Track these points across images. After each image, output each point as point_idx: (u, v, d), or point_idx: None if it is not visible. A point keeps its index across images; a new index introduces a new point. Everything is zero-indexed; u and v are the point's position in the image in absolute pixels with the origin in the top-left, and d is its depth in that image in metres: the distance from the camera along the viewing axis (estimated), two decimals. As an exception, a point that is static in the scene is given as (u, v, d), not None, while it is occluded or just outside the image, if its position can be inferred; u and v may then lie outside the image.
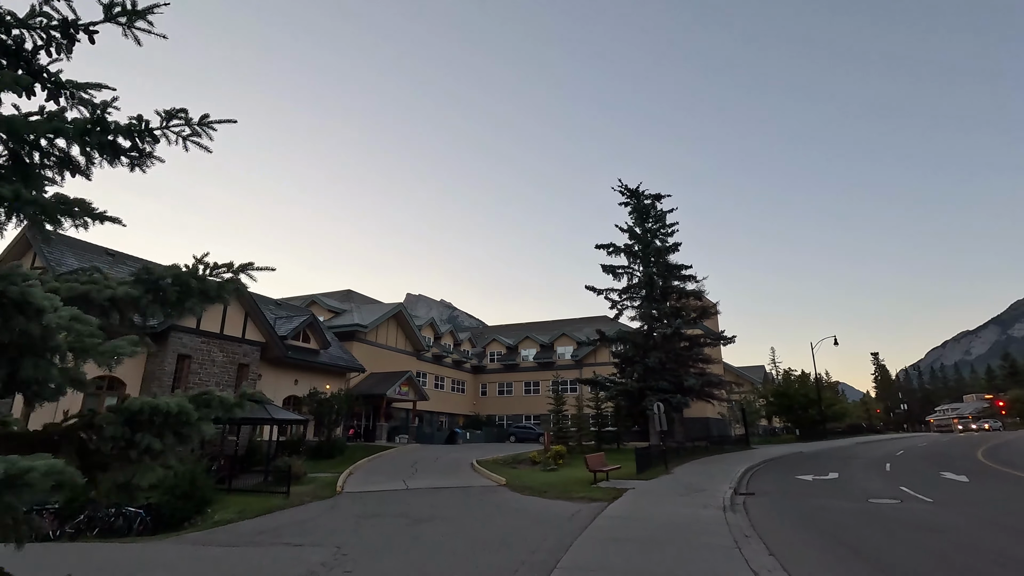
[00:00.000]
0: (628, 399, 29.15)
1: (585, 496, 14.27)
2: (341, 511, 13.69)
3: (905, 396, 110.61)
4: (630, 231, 30.39)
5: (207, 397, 3.75)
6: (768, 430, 61.81)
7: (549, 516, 11.76)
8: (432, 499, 14.68)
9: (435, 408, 46.24)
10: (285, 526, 12.36)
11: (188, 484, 15.12)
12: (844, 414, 54.76)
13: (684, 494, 14.45)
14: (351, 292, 47.68)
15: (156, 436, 3.35)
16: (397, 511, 13.17)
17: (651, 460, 20.84)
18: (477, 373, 53.24)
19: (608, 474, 17.73)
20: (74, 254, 22.06)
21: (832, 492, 15.39)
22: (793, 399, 47.28)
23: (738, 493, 14.99)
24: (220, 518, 13.93)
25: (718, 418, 47.21)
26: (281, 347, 26.00)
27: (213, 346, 23.01)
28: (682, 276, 30.09)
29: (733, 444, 35.00)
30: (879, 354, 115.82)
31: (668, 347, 28.12)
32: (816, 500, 13.92)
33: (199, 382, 22.27)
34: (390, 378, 37.06)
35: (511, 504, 13.67)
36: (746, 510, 12.40)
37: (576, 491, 15.21)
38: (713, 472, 20.16)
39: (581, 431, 30.92)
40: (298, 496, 15.87)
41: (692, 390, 27.81)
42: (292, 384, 28.47)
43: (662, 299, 29.52)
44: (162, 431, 3.36)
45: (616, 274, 30.21)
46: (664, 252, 29.67)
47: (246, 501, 15.53)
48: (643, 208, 30.50)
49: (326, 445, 27.23)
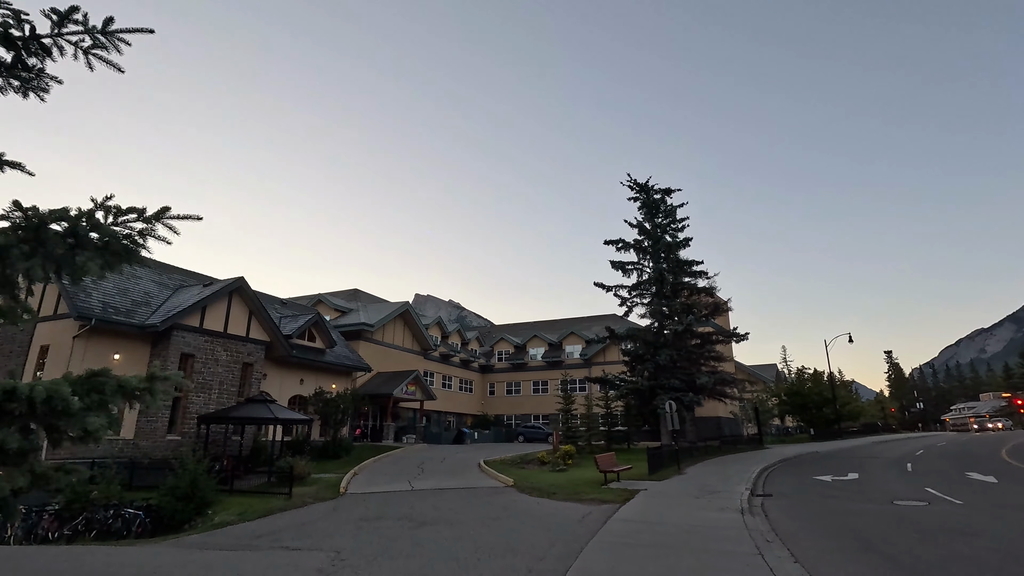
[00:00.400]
0: (639, 398, 28.53)
1: (595, 498, 13.75)
2: (343, 513, 13.27)
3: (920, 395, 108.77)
4: (639, 226, 29.73)
5: (99, 380, 2.99)
6: (781, 429, 60.81)
7: (558, 519, 11.26)
8: (437, 501, 14.23)
9: (443, 408, 45.86)
10: (285, 529, 11.96)
11: (188, 485, 14.81)
12: (859, 413, 53.64)
13: (699, 496, 13.89)
14: (358, 291, 47.41)
15: (18, 432, 2.57)
16: (400, 513, 12.73)
17: (663, 460, 20.26)
18: (485, 372, 52.79)
19: (619, 475, 17.20)
20: (77, 253, 21.87)
21: (854, 494, 14.75)
22: (807, 398, 46.35)
23: (755, 495, 14.40)
24: (220, 520, 13.57)
25: (730, 417, 46.43)
26: (286, 346, 25.69)
27: (217, 345, 22.72)
28: (693, 272, 29.40)
29: (746, 444, 34.25)
30: (892, 352, 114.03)
31: (679, 344, 27.45)
32: (838, 502, 13.30)
33: (203, 382, 22.00)
34: (397, 378, 36.71)
35: (518, 506, 13.18)
36: (765, 513, 11.82)
37: (586, 492, 14.69)
38: (727, 472, 19.55)
39: (591, 431, 30.36)
40: (300, 497, 15.49)
41: (704, 388, 27.13)
42: (298, 384, 28.17)
43: (673, 295, 28.85)
44: (27, 424, 2.60)
45: (625, 270, 29.57)
46: (674, 247, 28.97)
47: (248, 502, 15.17)
48: (652, 203, 29.84)
49: (332, 445, 26.90)
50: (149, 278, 24.02)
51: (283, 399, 27.22)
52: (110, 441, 19.58)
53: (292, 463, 18.28)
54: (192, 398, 21.49)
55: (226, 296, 23.41)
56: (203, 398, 21.86)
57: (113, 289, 21.22)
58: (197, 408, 21.46)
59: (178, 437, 20.83)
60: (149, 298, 22.36)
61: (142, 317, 20.75)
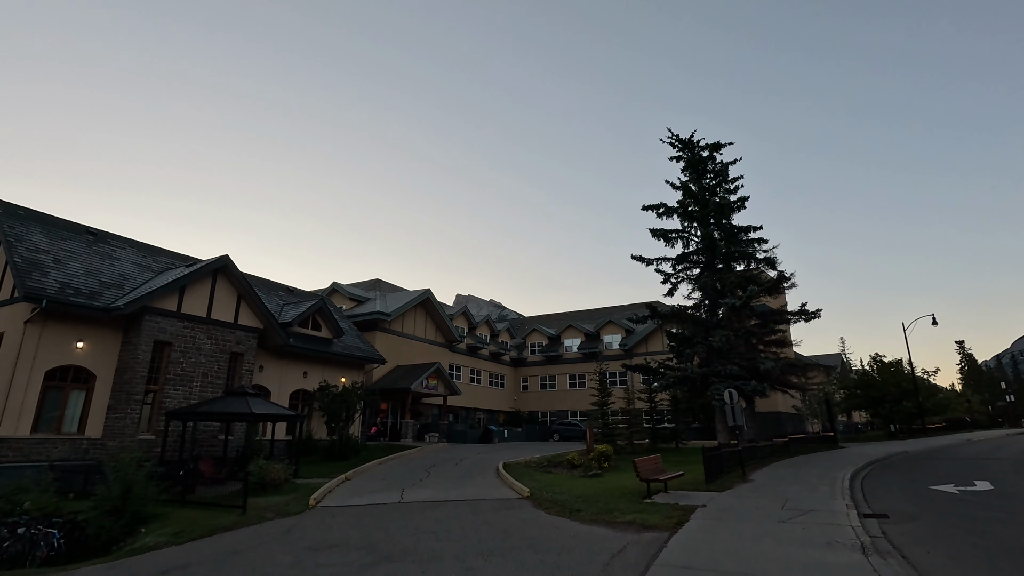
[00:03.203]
0: (688, 388, 24.20)
1: (634, 520, 9.91)
2: (293, 536, 9.97)
3: (1008, 387, 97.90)
4: (684, 188, 25.26)
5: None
6: (849, 426, 54.54)
7: (577, 556, 7.55)
8: (422, 520, 10.75)
9: (471, 404, 42.60)
10: (207, 560, 8.76)
11: (119, 496, 11.88)
12: (945, 406, 46.93)
13: (785, 517, 9.83)
14: (379, 281, 44.71)
15: None
16: (364, 540, 9.32)
17: (723, 464, 16.15)
18: (517, 366, 49.22)
19: (666, 484, 13.26)
20: (43, 231, 19.59)
21: (1008, 514, 10.31)
22: (883, 390, 40.46)
23: (864, 515, 10.20)
24: (142, 544, 10.52)
25: (792, 413, 41.14)
26: (282, 334, 22.85)
27: (199, 332, 20.03)
28: (749, 240, 24.80)
29: (816, 443, 29.34)
30: (965, 342, 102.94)
31: (737, 324, 22.94)
32: (1002, 528, 8.97)
33: (182, 373, 19.33)
34: (417, 371, 33.64)
35: (526, 531, 9.52)
36: (898, 550, 7.71)
37: (622, 509, 10.87)
38: (809, 480, 15.26)
39: (632, 428, 26.28)
40: (259, 511, 12.34)
41: (770, 375, 22.53)
42: (301, 377, 25.37)
43: (726, 267, 24.36)
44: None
45: (668, 239, 25.16)
46: (727, 210, 24.40)
47: (196, 517, 12.13)
48: (699, 161, 25.36)
49: (339, 445, 24.00)
50: (130, 259, 21.62)
51: (283, 393, 24.49)
52: (72, 441, 17.11)
53: (266, 466, 15.25)
54: (169, 392, 18.83)
55: (209, 276, 20.72)
56: (183, 392, 19.19)
57: (80, 269, 18.80)
58: (176, 403, 18.80)
59: (152, 436, 18.19)
60: (124, 280, 19.88)
61: (111, 300, 18.20)
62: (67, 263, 18.70)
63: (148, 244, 24.10)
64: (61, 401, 17.23)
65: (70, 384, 17.50)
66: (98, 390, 18.02)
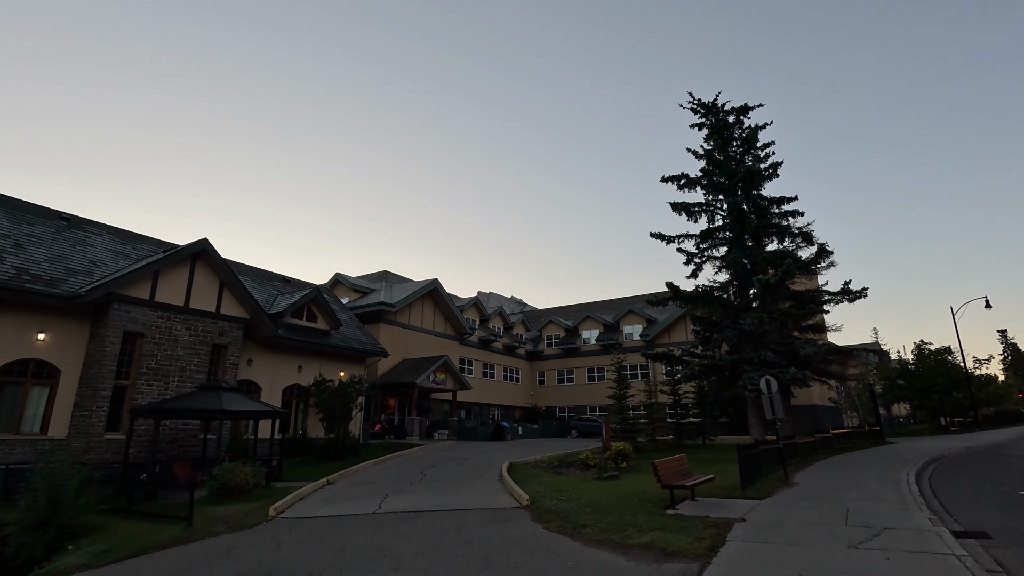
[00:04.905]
0: (716, 377, 21.68)
1: (653, 541, 7.68)
2: (227, 561, 8.05)
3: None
4: (707, 156, 22.61)
5: None
6: (889, 419, 51.00)
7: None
8: (392, 537, 8.73)
9: (484, 399, 40.63)
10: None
11: (45, 507, 10.16)
12: (1000, 397, 43.15)
13: (856, 541, 7.48)
14: (387, 273, 42.96)
15: None
16: (307, 568, 7.33)
17: (760, 464, 13.78)
18: (533, 360, 47.06)
19: (693, 490, 10.99)
20: (7, 215, 18.15)
21: None
22: (931, 380, 37.14)
23: (957, 534, 7.80)
24: (62, 565, 8.77)
25: (829, 406, 38.08)
26: (270, 324, 21.13)
27: (175, 322, 18.38)
28: (783, 213, 22.12)
29: (860, 438, 26.53)
30: (1007, 331, 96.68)
31: (770, 305, 20.33)
32: None
33: (156, 367, 17.70)
34: (423, 364, 31.77)
35: (514, 555, 7.41)
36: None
37: (638, 525, 8.66)
38: (866, 483, 12.80)
39: (654, 423, 23.92)
40: (210, 524, 10.50)
41: (811, 362, 19.87)
42: (295, 371, 23.67)
43: (756, 243, 21.71)
44: None
45: (691, 213, 22.56)
46: (757, 179, 21.71)
47: (134, 531, 10.36)
48: (724, 127, 22.74)
49: (335, 444, 22.23)
50: (104, 246, 20.11)
51: (275, 389, 22.83)
52: (32, 441, 15.58)
53: (229, 470, 13.46)
54: (142, 387, 17.21)
55: (187, 262, 19.06)
56: (157, 387, 17.56)
57: (44, 254, 17.30)
58: (151, 399, 17.17)
59: (122, 436, 16.56)
60: (95, 267, 18.33)
61: (77, 287, 16.63)
62: (29, 248, 17.20)
63: (129, 231, 22.62)
64: (20, 398, 15.74)
65: (30, 379, 15.95)
66: (63, 386, 16.46)
